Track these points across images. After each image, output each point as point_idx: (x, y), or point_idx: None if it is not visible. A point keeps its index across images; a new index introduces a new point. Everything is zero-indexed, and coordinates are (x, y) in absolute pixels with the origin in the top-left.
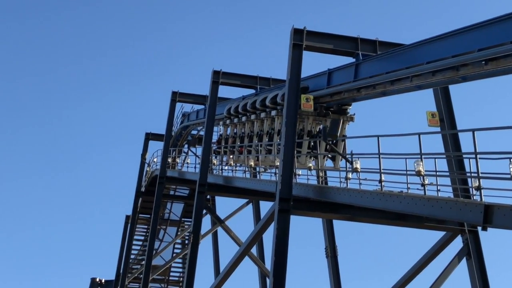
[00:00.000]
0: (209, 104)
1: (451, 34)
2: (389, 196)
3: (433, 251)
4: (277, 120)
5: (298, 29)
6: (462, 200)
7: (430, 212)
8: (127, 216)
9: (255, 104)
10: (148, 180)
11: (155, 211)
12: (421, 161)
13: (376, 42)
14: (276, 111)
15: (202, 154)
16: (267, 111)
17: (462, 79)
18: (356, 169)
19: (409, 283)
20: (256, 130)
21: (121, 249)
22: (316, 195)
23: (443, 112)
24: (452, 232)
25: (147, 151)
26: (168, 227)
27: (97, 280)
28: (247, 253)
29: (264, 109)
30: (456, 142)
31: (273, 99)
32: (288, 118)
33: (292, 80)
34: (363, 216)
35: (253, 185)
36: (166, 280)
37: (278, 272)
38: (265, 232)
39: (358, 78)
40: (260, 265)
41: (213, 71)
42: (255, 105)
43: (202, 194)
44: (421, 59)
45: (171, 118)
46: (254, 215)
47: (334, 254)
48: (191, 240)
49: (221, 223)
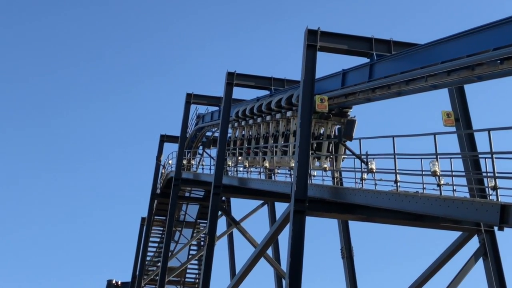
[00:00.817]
0: (223, 106)
1: (466, 34)
2: (405, 196)
3: (449, 252)
4: (293, 121)
5: (312, 30)
6: (478, 200)
7: (446, 212)
8: (142, 218)
9: (270, 105)
10: (164, 182)
11: (170, 213)
12: (437, 161)
13: (390, 42)
14: (291, 111)
15: (217, 155)
16: (282, 112)
17: (478, 78)
18: (371, 170)
19: (425, 283)
20: (271, 131)
21: (137, 251)
22: (332, 196)
23: (458, 112)
24: (469, 232)
25: (162, 153)
26: (184, 229)
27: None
28: (263, 255)
29: (279, 110)
30: (472, 142)
31: (288, 100)
32: (303, 119)
33: (307, 81)
34: (378, 217)
35: (268, 187)
36: (182, 282)
37: (294, 273)
38: (280, 233)
39: (373, 79)
40: (276, 267)
41: (227, 73)
42: (270, 106)
43: (217, 195)
44: (436, 59)
45: (186, 120)
46: (269, 216)
47: (350, 255)
48: (207, 242)
49: (236, 225)
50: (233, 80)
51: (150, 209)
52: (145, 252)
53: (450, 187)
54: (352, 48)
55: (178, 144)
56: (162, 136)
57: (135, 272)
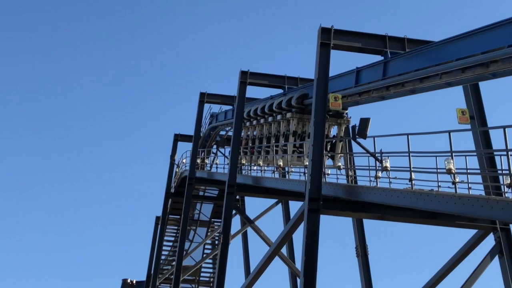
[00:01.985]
0: (237, 105)
1: (481, 31)
2: (420, 194)
3: (465, 250)
4: (292, 121)
5: (326, 28)
6: (493, 197)
7: (462, 210)
8: (157, 217)
9: (272, 107)
10: (178, 181)
11: (185, 212)
12: (452, 159)
13: (404, 39)
14: (290, 113)
15: (231, 154)
16: (282, 114)
17: (492, 75)
18: (386, 168)
19: (441, 281)
20: (273, 131)
21: (152, 250)
22: (346, 194)
23: (473, 109)
24: (484, 230)
25: (176, 152)
26: (198, 228)
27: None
28: (277, 253)
29: (280, 112)
30: (487, 139)
31: (288, 102)
32: (317, 117)
33: (320, 79)
34: (393, 215)
35: (282, 185)
36: (196, 280)
37: (309, 271)
38: (295, 232)
39: (387, 76)
40: (291, 265)
41: (240, 72)
42: (281, 105)
43: (232, 194)
44: (450, 56)
45: (200, 119)
46: (283, 215)
47: (364, 253)
48: (221, 241)
49: (250, 223)
50: (247, 79)
51: (164, 208)
52: (159, 251)
53: (465, 185)
54: (365, 46)
55: (192, 143)
56: (176, 135)
57: (150, 271)
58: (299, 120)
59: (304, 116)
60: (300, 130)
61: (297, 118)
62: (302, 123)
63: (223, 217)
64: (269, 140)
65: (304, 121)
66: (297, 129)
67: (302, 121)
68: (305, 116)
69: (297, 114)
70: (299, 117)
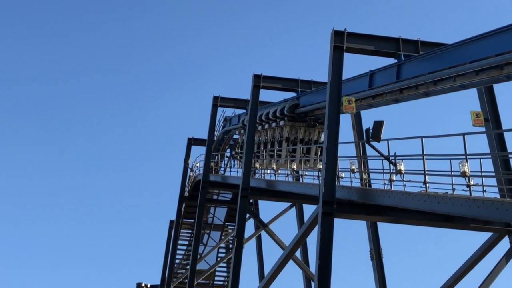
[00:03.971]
0: (250, 108)
1: (495, 33)
2: (434, 197)
3: (480, 252)
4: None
5: (339, 31)
6: (509, 200)
7: (476, 213)
8: (171, 221)
9: (275, 113)
10: (191, 185)
11: (198, 215)
12: (466, 161)
13: (418, 42)
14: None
15: (245, 158)
16: (285, 120)
17: (507, 78)
18: (400, 171)
19: (456, 284)
20: (276, 136)
21: (166, 254)
22: (360, 197)
23: (487, 112)
24: (499, 233)
25: (189, 156)
26: (212, 232)
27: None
28: (291, 257)
29: (283, 118)
30: (502, 142)
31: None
32: (331, 120)
33: (334, 82)
34: (408, 218)
35: (296, 189)
36: (211, 284)
37: (323, 275)
38: (309, 236)
39: (401, 79)
40: (305, 269)
41: (254, 75)
42: (275, 114)
43: (245, 198)
44: (464, 59)
45: (213, 123)
46: (297, 218)
47: (379, 256)
48: (235, 244)
49: (264, 227)
50: (260, 82)
51: (178, 212)
52: (173, 255)
53: (480, 187)
54: (379, 49)
55: (206, 147)
56: (189, 139)
57: (164, 275)
58: (291, 127)
59: (296, 124)
60: (293, 136)
61: (289, 125)
62: (294, 130)
63: (237, 221)
64: (272, 145)
65: (296, 128)
66: (290, 136)
67: (294, 128)
68: (297, 124)
69: (289, 122)
70: (291, 125)
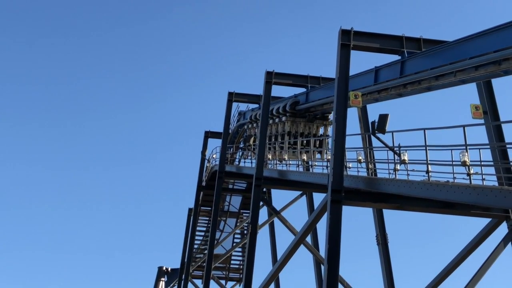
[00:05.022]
0: (263, 103)
1: (493, 30)
2: (436, 185)
3: (479, 237)
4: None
5: (346, 30)
6: (506, 188)
7: (476, 200)
8: (189, 209)
9: (279, 109)
10: (208, 175)
11: (215, 203)
12: (466, 152)
13: (420, 40)
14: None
15: (258, 149)
16: (287, 116)
17: (504, 73)
18: (404, 161)
19: (457, 267)
20: (279, 130)
21: (185, 240)
22: (366, 186)
23: (486, 105)
24: (498, 219)
25: (206, 148)
26: (228, 219)
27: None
28: (302, 242)
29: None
30: (500, 133)
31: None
32: (338, 114)
33: (341, 78)
34: (411, 205)
35: (306, 178)
36: (227, 267)
37: (332, 259)
38: (318, 222)
39: (404, 75)
40: (315, 253)
41: (266, 72)
42: (279, 110)
43: (259, 187)
44: (464, 55)
45: (228, 117)
46: (307, 206)
47: (384, 241)
48: (250, 230)
49: (277, 214)
50: (272, 78)
51: (196, 201)
52: (192, 241)
53: (479, 176)
54: (383, 46)
55: (221, 140)
56: (206, 132)
57: (184, 259)
58: (292, 123)
59: (296, 119)
60: (294, 130)
61: (290, 121)
62: (295, 125)
63: (251, 209)
64: (276, 138)
65: (297, 123)
66: (291, 130)
67: (295, 123)
68: (297, 119)
69: (290, 117)
70: (292, 120)
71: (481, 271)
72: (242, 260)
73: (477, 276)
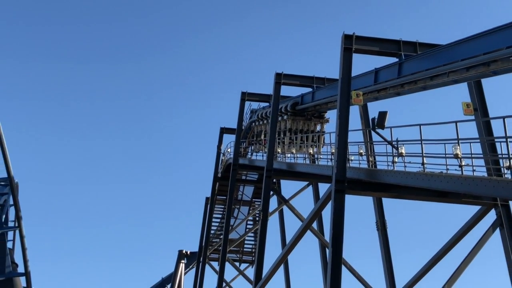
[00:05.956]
0: (272, 102)
1: (482, 34)
2: (431, 176)
3: (470, 223)
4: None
5: (348, 35)
6: (495, 178)
7: (467, 189)
8: (207, 198)
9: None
10: (224, 167)
11: (230, 193)
12: (458, 145)
13: (416, 43)
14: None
15: (268, 144)
16: (288, 115)
17: (493, 73)
18: (401, 154)
19: (450, 250)
20: (282, 127)
21: (203, 226)
22: (367, 177)
23: (476, 103)
24: (487, 206)
25: (222, 142)
26: (241, 207)
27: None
28: (309, 228)
29: (286, 113)
30: (489, 128)
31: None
32: (341, 111)
33: (344, 79)
34: (408, 194)
35: (313, 170)
36: (241, 251)
37: (336, 243)
38: (323, 209)
39: (401, 75)
40: (320, 238)
41: (275, 74)
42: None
43: (269, 178)
44: (456, 57)
45: (241, 115)
46: (313, 195)
47: (383, 227)
48: (261, 217)
49: (286, 203)
50: (281, 79)
51: (213, 190)
52: (209, 227)
53: (470, 167)
54: (383, 50)
55: (235, 135)
56: (221, 128)
57: (202, 243)
58: (293, 121)
59: (296, 118)
60: (294, 127)
61: (291, 119)
62: (295, 122)
63: (263, 197)
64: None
65: (296, 121)
66: (292, 127)
67: (295, 121)
68: (297, 118)
69: (291, 116)
70: (293, 119)
71: (472, 253)
72: (254, 244)
73: (468, 258)
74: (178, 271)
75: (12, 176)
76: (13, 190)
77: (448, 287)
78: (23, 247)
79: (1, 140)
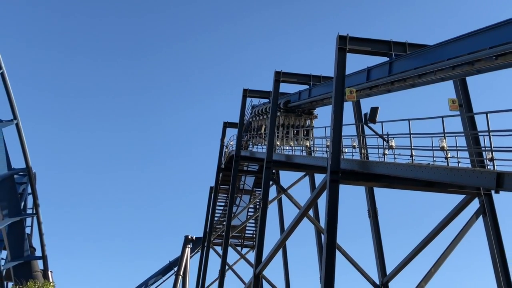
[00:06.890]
0: (272, 98)
1: (467, 36)
2: (419, 167)
3: (455, 211)
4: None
5: (343, 36)
6: (478, 169)
7: (452, 179)
8: (211, 187)
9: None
10: (226, 159)
11: (232, 183)
12: (445, 138)
13: (406, 44)
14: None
15: (268, 138)
16: (281, 111)
17: (477, 71)
18: (391, 147)
19: (437, 236)
20: None
21: (207, 213)
22: (360, 168)
23: (461, 99)
24: (471, 195)
25: (225, 136)
26: (243, 195)
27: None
28: (305, 215)
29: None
30: (473, 123)
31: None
32: (336, 107)
33: (338, 77)
34: (398, 184)
35: (309, 161)
36: (242, 236)
37: (331, 229)
38: (319, 198)
39: (392, 74)
40: (316, 224)
41: (275, 72)
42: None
43: (269, 169)
44: (443, 56)
45: (243, 110)
46: (310, 185)
47: (375, 215)
48: (261, 205)
49: (284, 192)
50: (280, 77)
51: (216, 180)
52: (213, 214)
53: (455, 159)
54: (374, 50)
55: (237, 129)
56: (225, 123)
57: (206, 229)
58: (285, 117)
59: (288, 114)
60: (287, 123)
61: (283, 115)
62: (287, 118)
63: (263, 187)
64: None
65: (289, 117)
66: (284, 122)
67: (287, 117)
68: (289, 114)
69: (283, 113)
70: (285, 115)
71: (457, 239)
72: (255, 230)
73: (453, 242)
74: (184, 255)
75: (30, 166)
76: (31, 180)
77: (435, 270)
78: (40, 233)
79: (20, 134)
